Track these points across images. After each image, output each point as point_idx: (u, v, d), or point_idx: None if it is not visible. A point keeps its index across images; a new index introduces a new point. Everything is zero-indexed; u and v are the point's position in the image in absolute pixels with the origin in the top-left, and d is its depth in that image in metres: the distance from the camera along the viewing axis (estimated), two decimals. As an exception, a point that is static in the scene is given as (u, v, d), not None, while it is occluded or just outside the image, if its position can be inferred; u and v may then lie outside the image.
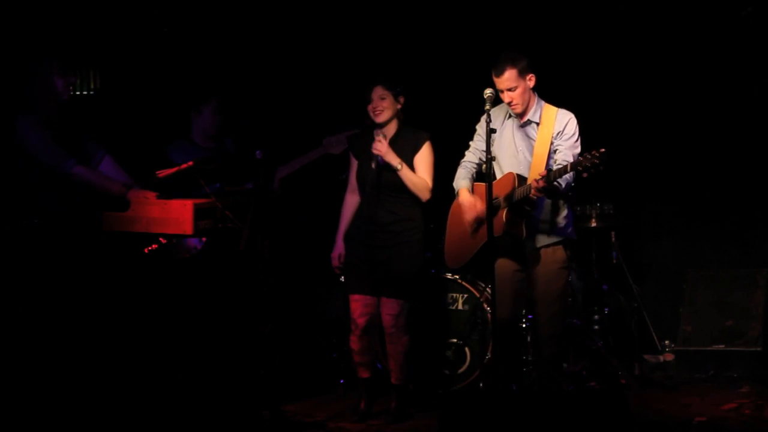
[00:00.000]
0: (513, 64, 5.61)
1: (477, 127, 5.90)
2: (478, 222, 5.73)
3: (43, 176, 5.73)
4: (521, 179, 5.61)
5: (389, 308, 5.99)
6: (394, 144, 5.97)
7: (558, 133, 5.65)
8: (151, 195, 5.76)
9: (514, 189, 5.58)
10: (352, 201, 6.12)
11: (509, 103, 5.66)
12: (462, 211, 5.81)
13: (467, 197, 5.79)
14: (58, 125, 5.78)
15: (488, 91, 5.54)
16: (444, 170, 6.03)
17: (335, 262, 6.17)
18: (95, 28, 6.67)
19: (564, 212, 5.73)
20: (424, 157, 5.99)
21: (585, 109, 7.26)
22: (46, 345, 5.69)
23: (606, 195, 7.11)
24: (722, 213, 7.51)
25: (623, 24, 7.35)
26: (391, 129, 6.00)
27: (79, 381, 5.72)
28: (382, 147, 5.88)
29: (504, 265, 5.69)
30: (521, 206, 5.57)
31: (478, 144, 5.89)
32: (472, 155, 5.91)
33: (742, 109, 7.34)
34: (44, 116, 5.73)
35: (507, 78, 5.61)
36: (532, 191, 5.43)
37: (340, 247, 6.15)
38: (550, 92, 5.91)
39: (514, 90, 5.62)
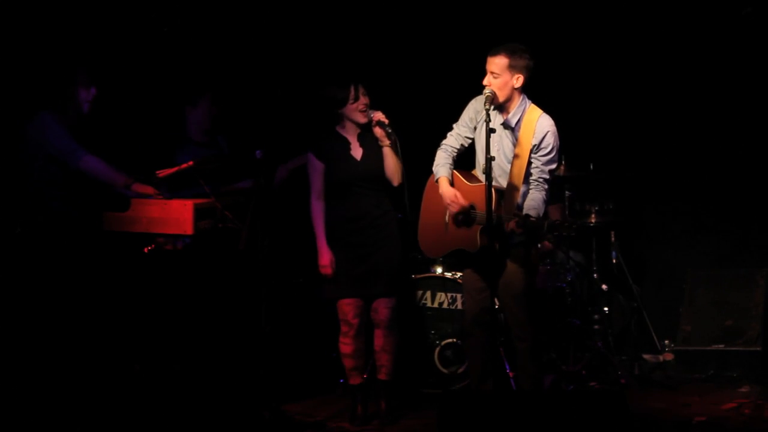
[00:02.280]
0: (509, 53, 5.53)
1: (464, 111, 5.78)
2: (455, 220, 5.69)
3: (50, 175, 5.78)
4: (499, 194, 5.56)
5: (388, 303, 5.99)
6: (367, 134, 5.96)
7: (535, 146, 5.58)
8: (152, 190, 5.81)
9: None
10: (320, 207, 5.97)
11: (485, 85, 5.55)
12: (441, 202, 5.73)
13: (448, 189, 5.69)
14: (76, 133, 5.87)
15: (487, 91, 5.52)
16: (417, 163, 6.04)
17: (329, 270, 5.93)
18: (89, 24, 6.67)
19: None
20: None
21: (586, 109, 7.34)
22: (46, 343, 5.71)
23: (606, 194, 7.10)
24: (722, 213, 7.51)
25: (624, 23, 7.36)
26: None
27: (79, 380, 5.74)
28: (384, 116, 5.86)
29: (470, 276, 5.72)
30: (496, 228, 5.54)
31: (461, 129, 5.78)
32: (454, 140, 5.80)
33: (742, 108, 7.34)
34: (68, 119, 5.85)
35: (496, 62, 5.53)
36: (507, 228, 5.44)
37: (329, 252, 5.94)
38: (551, 91, 5.91)
39: (497, 78, 5.54)
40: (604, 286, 7.12)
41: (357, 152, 5.98)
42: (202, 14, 7.07)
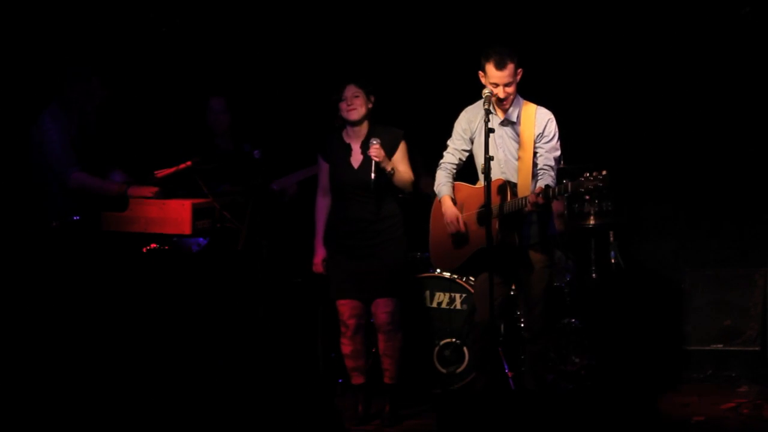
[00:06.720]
0: (512, 58, 5.53)
1: (455, 125, 5.79)
2: (460, 236, 5.70)
3: (48, 177, 5.81)
4: (512, 186, 5.56)
5: (385, 306, 6.00)
6: (367, 143, 5.94)
7: (539, 135, 5.59)
8: (152, 190, 5.81)
9: (505, 199, 5.50)
10: (325, 203, 6.06)
11: (503, 99, 5.55)
12: (444, 221, 5.74)
13: (450, 208, 5.72)
14: (94, 125, 5.94)
15: (486, 91, 5.51)
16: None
17: (319, 268, 6.07)
18: (97, 28, 6.68)
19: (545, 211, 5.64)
20: (403, 154, 6.01)
21: (585, 109, 7.33)
22: (49, 344, 5.72)
23: (604, 194, 7.09)
24: (721, 212, 7.50)
25: (622, 23, 7.35)
26: (363, 128, 5.99)
27: (79, 380, 5.74)
28: (380, 152, 5.86)
29: (486, 281, 5.58)
30: (513, 216, 5.52)
31: (457, 143, 5.79)
32: (451, 156, 5.82)
33: (740, 108, 7.34)
34: (77, 116, 5.86)
35: (508, 72, 5.51)
36: (529, 206, 5.38)
37: (322, 252, 6.06)
38: (548, 91, 5.90)
39: (511, 84, 5.54)
40: (602, 286, 7.12)
41: (356, 160, 5.99)
42: (207, 16, 7.08)
